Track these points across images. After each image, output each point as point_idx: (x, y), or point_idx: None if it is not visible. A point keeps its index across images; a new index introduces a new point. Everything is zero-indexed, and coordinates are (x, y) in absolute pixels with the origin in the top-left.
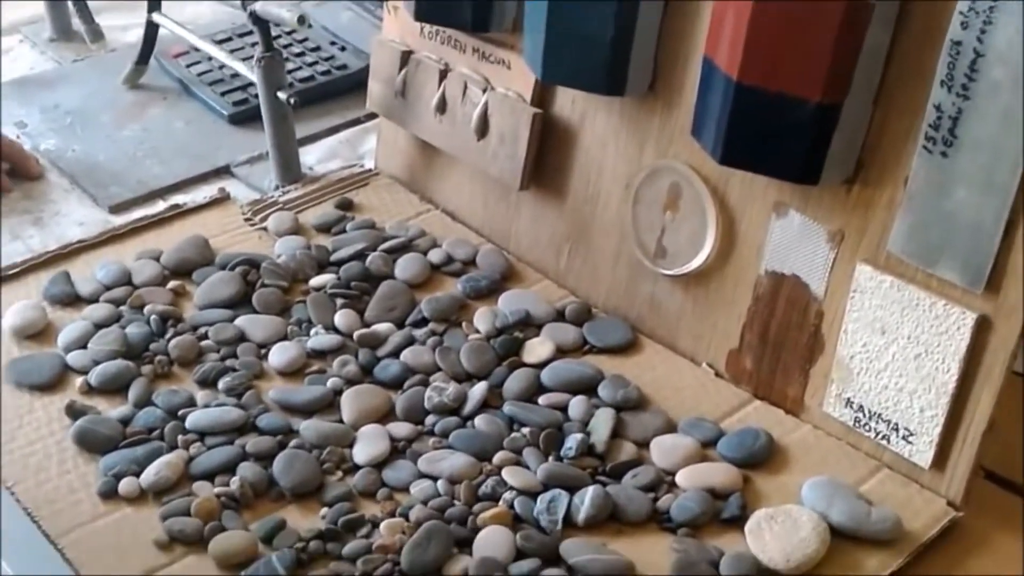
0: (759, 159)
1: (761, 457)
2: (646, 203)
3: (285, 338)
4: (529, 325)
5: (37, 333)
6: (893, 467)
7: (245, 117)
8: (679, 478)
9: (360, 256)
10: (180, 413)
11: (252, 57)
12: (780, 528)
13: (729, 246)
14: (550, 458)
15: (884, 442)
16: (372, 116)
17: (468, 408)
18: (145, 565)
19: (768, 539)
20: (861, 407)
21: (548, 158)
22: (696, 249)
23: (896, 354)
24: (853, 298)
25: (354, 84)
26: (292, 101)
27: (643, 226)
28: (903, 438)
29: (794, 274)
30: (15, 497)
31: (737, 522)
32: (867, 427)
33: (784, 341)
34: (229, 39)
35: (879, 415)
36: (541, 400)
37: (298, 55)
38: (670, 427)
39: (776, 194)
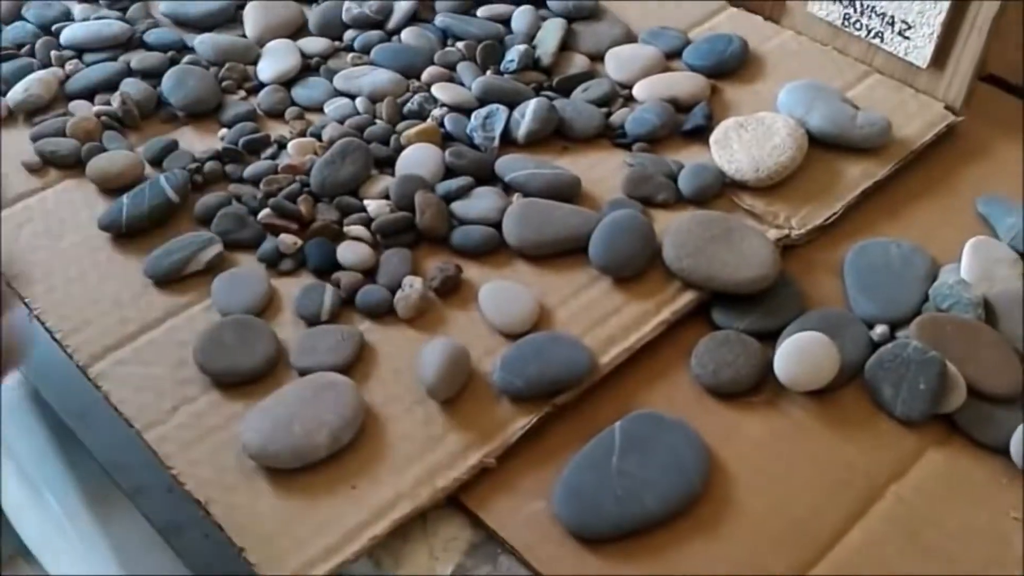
0: None
1: (733, 65)
2: None
3: None
4: None
5: None
6: (884, 71)
7: None
8: (636, 90)
9: None
10: (54, 28)
11: None
12: (750, 136)
13: None
14: (488, 72)
15: (877, 40)
16: None
17: (394, 21)
18: (14, 191)
19: (736, 148)
20: (852, 1)
21: None
22: None
23: None
24: None
25: None
26: None
27: None
28: (899, 33)
29: None
30: None
31: (702, 134)
32: (857, 24)
33: None
34: None
35: (872, 8)
36: (480, 12)
37: None
38: (629, 38)
39: None
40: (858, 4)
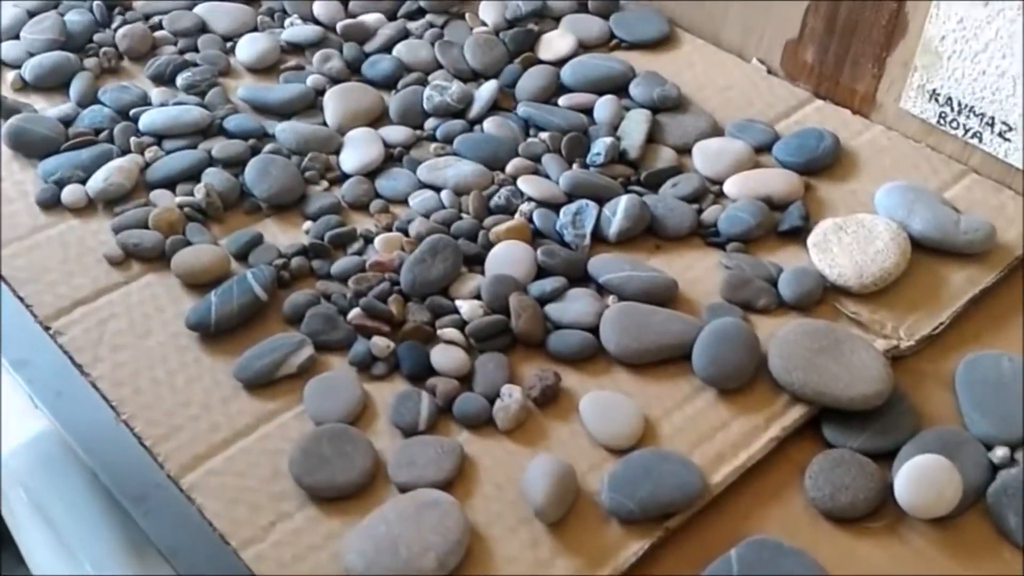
0: None
1: (825, 161)
2: None
3: (255, 29)
4: (545, 17)
5: None
6: (982, 171)
7: None
8: (728, 187)
9: None
10: (132, 113)
11: None
12: (851, 239)
13: None
14: (574, 165)
15: (974, 141)
16: None
17: (475, 110)
18: (96, 284)
19: (836, 252)
20: (949, 99)
21: None
22: None
23: (1001, 29)
24: None
25: None
26: None
27: None
28: (999, 134)
29: None
30: None
31: (798, 235)
32: (954, 123)
33: (857, 24)
34: None
35: (971, 108)
36: (561, 101)
37: None
38: (716, 131)
39: None
40: (955, 103)
